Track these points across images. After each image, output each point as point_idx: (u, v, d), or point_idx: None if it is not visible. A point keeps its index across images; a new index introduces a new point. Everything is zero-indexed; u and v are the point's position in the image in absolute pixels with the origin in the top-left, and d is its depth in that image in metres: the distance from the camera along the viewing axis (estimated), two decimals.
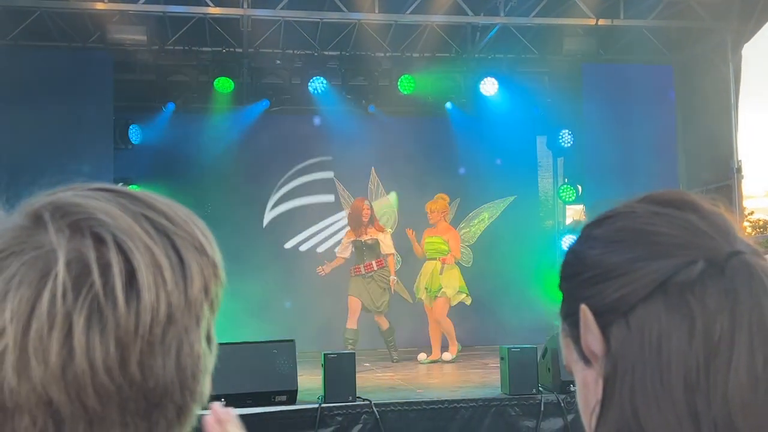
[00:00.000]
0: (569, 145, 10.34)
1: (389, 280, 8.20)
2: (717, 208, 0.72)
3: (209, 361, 0.64)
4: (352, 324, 8.07)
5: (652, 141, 9.40)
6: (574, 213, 10.67)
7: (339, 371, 5.54)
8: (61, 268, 0.56)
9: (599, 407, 0.70)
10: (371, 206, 8.43)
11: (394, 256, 8.43)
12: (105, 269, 0.57)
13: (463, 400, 5.67)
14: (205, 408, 0.66)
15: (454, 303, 8.25)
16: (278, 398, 5.43)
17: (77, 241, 0.58)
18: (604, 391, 0.69)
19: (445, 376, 7.31)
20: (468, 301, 8.37)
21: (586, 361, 0.73)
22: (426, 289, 8.22)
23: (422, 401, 5.65)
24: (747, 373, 0.63)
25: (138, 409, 0.58)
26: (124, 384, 0.57)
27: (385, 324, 8.25)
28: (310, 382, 5.98)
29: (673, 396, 0.65)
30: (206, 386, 0.64)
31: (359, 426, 5.44)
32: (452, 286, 8.18)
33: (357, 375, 5.66)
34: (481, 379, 6.84)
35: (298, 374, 5.60)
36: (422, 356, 8.23)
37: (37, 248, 0.58)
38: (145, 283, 0.58)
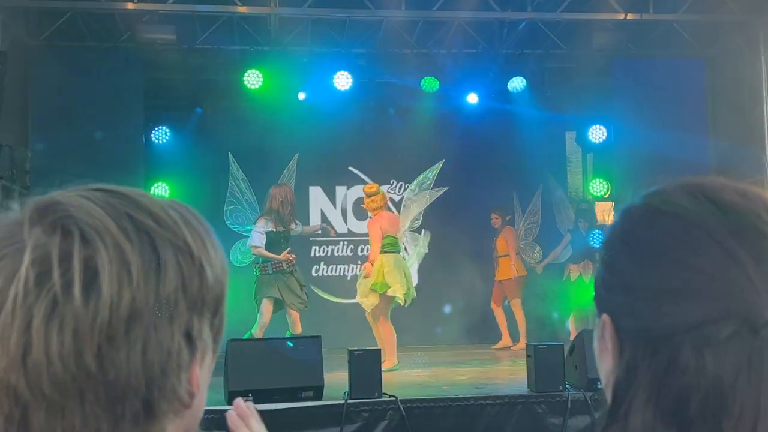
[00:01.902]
0: (602, 140, 10.26)
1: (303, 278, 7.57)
2: None
3: (185, 358, 0.65)
4: (261, 333, 7.24)
5: (683, 136, 9.27)
6: (604, 210, 10.58)
7: (364, 367, 5.56)
8: (26, 264, 0.60)
9: (607, 416, 0.69)
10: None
11: None
12: (67, 265, 0.60)
13: (490, 397, 5.67)
14: (187, 405, 0.66)
15: (369, 307, 7.25)
16: (305, 394, 5.47)
17: (47, 238, 0.61)
18: (614, 395, 0.69)
19: (472, 373, 7.30)
20: (402, 300, 7.28)
21: (602, 338, 0.72)
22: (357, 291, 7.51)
23: (448, 398, 5.65)
24: None
25: (98, 399, 0.60)
26: (80, 375, 0.59)
27: (298, 327, 7.38)
28: (335, 378, 6.01)
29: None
30: (183, 384, 0.65)
31: (385, 422, 5.46)
32: (365, 283, 7.29)
33: (382, 371, 5.69)
34: (508, 376, 6.82)
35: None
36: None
37: (16, 243, 0.61)
38: (106, 279, 0.60)
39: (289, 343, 5.61)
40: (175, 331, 0.63)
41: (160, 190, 9.48)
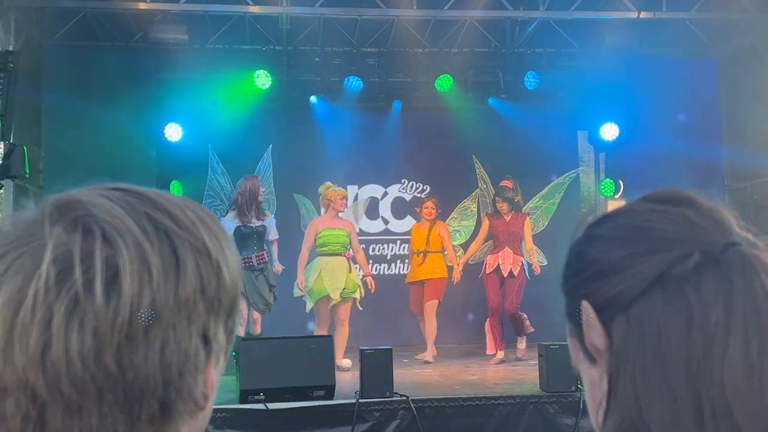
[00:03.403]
0: (614, 138, 10.21)
1: (273, 275, 7.45)
2: (714, 204, 0.74)
3: (202, 360, 0.65)
4: (243, 330, 7.22)
5: (696, 135, 9.24)
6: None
7: (376, 367, 5.56)
8: (47, 262, 0.60)
9: (605, 401, 0.71)
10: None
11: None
12: (88, 264, 0.60)
13: (501, 396, 5.66)
14: (201, 407, 0.66)
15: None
16: (316, 393, 5.48)
17: (68, 236, 0.61)
18: (609, 384, 0.71)
19: (483, 372, 7.29)
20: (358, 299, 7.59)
21: (591, 359, 0.74)
22: (338, 288, 7.43)
23: (459, 397, 5.64)
24: (742, 359, 0.65)
25: (116, 400, 0.60)
26: (99, 374, 0.59)
27: (258, 327, 7.33)
28: (345, 377, 6.01)
29: (674, 384, 0.66)
30: (198, 385, 0.65)
31: (396, 421, 5.46)
32: (356, 283, 7.58)
33: (394, 371, 5.68)
34: (520, 376, 6.81)
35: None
36: (347, 362, 7.31)
37: (36, 240, 0.61)
38: (127, 279, 0.60)
39: (303, 343, 5.61)
40: (193, 332, 0.63)
41: (172, 189, 9.51)
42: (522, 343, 7.94)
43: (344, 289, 7.46)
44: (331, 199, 7.67)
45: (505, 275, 7.82)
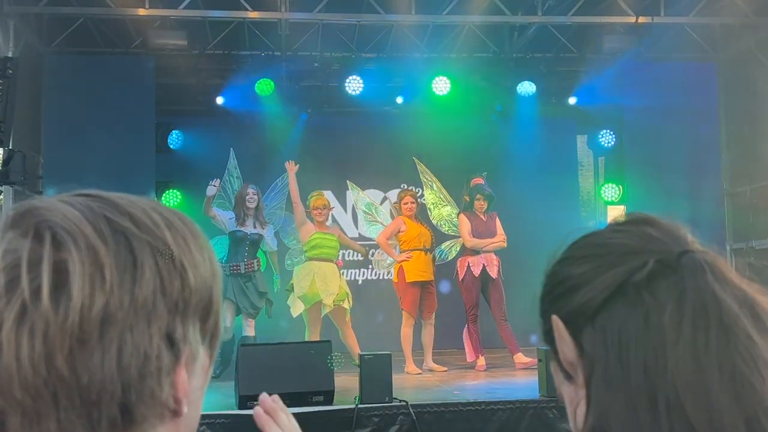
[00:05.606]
0: (610, 144, 10.23)
1: (263, 283, 7.45)
2: (673, 222, 0.80)
3: (166, 362, 0.63)
4: (229, 335, 7.27)
5: (695, 139, 9.25)
6: (616, 213, 10.52)
7: (375, 372, 5.56)
8: None
9: (583, 407, 0.75)
10: (258, 194, 7.61)
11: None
12: (35, 270, 0.60)
13: (501, 402, 5.64)
14: (173, 410, 0.64)
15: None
16: (315, 398, 5.47)
17: (18, 242, 0.61)
18: (586, 392, 0.74)
19: (483, 377, 7.28)
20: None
21: (568, 376, 0.77)
22: (332, 294, 7.40)
23: (459, 402, 5.63)
24: (690, 352, 0.69)
25: (72, 405, 0.59)
26: (51, 379, 0.58)
27: (251, 331, 7.34)
28: (344, 382, 6.00)
29: (633, 381, 0.70)
30: (164, 388, 0.63)
31: (396, 427, 5.45)
32: (346, 291, 7.62)
33: (393, 376, 5.68)
34: (519, 381, 6.80)
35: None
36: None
37: None
38: (77, 282, 0.59)
39: (302, 348, 5.61)
40: (154, 333, 0.62)
41: (172, 195, 9.52)
42: (520, 356, 7.54)
43: (336, 295, 7.48)
44: (308, 211, 7.70)
45: (494, 278, 7.55)
